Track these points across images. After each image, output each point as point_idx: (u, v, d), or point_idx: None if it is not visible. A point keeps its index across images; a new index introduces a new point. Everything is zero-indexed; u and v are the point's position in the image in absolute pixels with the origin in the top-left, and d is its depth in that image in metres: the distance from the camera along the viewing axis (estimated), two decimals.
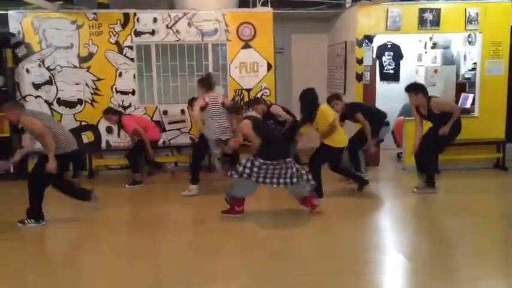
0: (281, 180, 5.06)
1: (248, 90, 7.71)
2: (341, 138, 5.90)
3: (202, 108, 6.17)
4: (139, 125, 6.71)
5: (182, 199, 6.14)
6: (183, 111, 7.72)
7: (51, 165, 4.85)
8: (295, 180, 5.08)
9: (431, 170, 6.11)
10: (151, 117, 7.64)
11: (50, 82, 7.44)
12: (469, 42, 7.82)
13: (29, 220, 5.08)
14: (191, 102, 6.72)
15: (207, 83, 6.32)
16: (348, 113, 6.53)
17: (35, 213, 5.08)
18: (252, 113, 6.18)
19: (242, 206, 5.29)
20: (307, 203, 5.31)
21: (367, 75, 7.50)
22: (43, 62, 7.39)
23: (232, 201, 5.29)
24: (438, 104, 5.98)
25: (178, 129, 7.74)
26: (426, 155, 6.08)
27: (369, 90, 7.54)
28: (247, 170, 5.05)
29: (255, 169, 5.04)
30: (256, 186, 5.18)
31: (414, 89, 6.03)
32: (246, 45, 7.69)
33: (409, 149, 6.81)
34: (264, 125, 5.43)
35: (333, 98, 6.51)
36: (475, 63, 7.66)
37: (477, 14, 7.29)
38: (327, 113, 5.81)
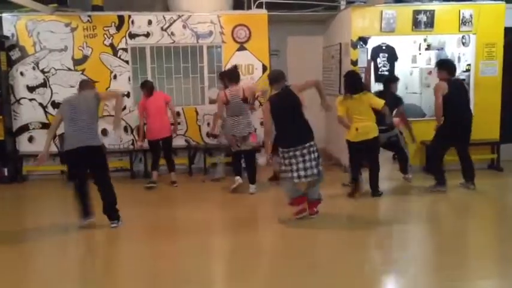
0: (307, 173, 4.94)
1: None
2: (351, 131, 5.88)
3: (225, 103, 6.18)
4: (142, 111, 6.81)
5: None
6: (178, 114, 7.70)
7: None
8: (316, 170, 4.96)
9: (433, 168, 6.14)
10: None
11: (44, 85, 7.42)
12: (463, 44, 7.84)
13: (82, 219, 5.10)
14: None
15: (227, 76, 6.36)
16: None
17: (80, 211, 5.09)
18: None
19: (301, 203, 5.17)
20: (309, 205, 5.25)
21: (362, 77, 7.50)
22: (37, 64, 7.37)
23: (291, 202, 5.22)
24: (435, 89, 6.06)
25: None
26: (428, 152, 6.16)
27: None
28: (282, 168, 5.05)
29: (283, 161, 5.00)
30: (295, 186, 5.09)
31: (437, 64, 6.33)
32: (241, 47, 7.69)
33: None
34: (282, 109, 5.06)
35: None
36: (469, 65, 7.68)
37: (471, 16, 7.32)
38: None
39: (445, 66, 6.20)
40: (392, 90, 6.60)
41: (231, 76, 6.31)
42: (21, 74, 7.38)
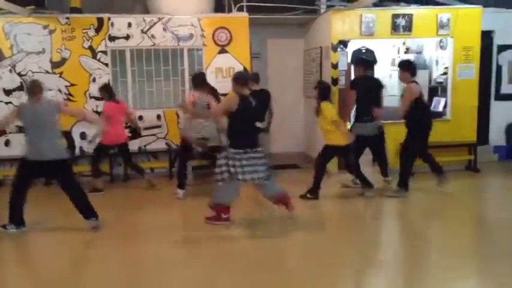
0: (255, 176, 4.91)
1: (224, 95, 7.66)
2: (341, 136, 5.92)
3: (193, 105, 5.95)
4: (108, 116, 6.56)
5: (160, 206, 6.12)
6: (159, 117, 7.65)
7: None
8: (265, 174, 4.95)
9: (403, 173, 6.18)
10: (126, 123, 7.56)
11: (21, 88, 7.28)
12: (441, 47, 7.98)
13: (10, 225, 4.97)
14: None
15: (195, 80, 6.21)
16: None
17: (14, 218, 4.97)
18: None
19: (228, 213, 5.17)
20: (281, 202, 5.21)
21: (342, 80, 7.57)
22: (14, 67, 7.24)
23: (217, 208, 5.14)
24: (407, 91, 6.02)
25: (154, 134, 7.67)
26: (401, 157, 6.19)
27: (344, 94, 7.60)
28: (224, 169, 4.92)
29: (230, 162, 4.87)
30: (238, 190, 5.07)
31: (401, 65, 6.18)
32: (222, 50, 7.69)
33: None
34: (247, 111, 5.00)
35: None
36: (446, 68, 7.82)
37: (448, 20, 7.44)
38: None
39: (410, 67, 6.12)
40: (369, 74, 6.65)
41: (196, 81, 6.21)
42: None
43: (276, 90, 7.65)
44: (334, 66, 7.47)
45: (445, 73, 7.85)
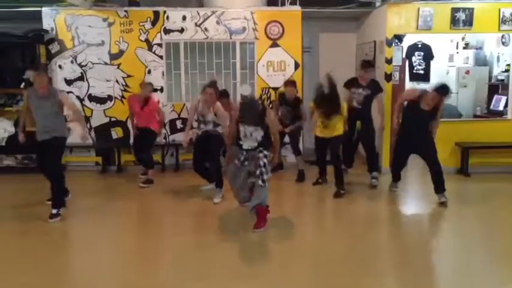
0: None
1: (275, 89, 7.69)
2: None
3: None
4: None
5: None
6: None
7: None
8: (264, 178, 4.70)
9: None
10: (179, 115, 7.74)
11: (81, 78, 7.60)
12: (503, 43, 7.62)
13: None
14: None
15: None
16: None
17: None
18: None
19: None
20: (259, 213, 4.84)
21: (396, 76, 7.40)
22: (75, 58, 7.55)
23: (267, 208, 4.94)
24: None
25: None
26: None
27: (398, 91, 7.43)
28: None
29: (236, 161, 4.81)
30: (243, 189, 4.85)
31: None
32: (274, 44, 7.68)
33: None
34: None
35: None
36: (508, 65, 7.47)
37: (511, 15, 7.09)
38: None
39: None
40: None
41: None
42: (60, 67, 7.57)
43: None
44: (388, 61, 7.30)
45: (507, 70, 7.50)
